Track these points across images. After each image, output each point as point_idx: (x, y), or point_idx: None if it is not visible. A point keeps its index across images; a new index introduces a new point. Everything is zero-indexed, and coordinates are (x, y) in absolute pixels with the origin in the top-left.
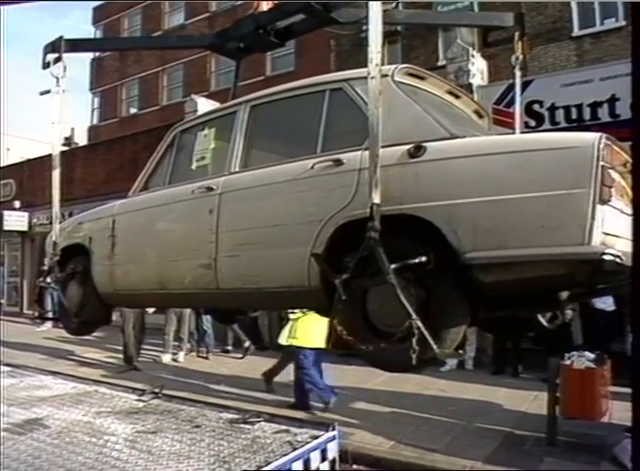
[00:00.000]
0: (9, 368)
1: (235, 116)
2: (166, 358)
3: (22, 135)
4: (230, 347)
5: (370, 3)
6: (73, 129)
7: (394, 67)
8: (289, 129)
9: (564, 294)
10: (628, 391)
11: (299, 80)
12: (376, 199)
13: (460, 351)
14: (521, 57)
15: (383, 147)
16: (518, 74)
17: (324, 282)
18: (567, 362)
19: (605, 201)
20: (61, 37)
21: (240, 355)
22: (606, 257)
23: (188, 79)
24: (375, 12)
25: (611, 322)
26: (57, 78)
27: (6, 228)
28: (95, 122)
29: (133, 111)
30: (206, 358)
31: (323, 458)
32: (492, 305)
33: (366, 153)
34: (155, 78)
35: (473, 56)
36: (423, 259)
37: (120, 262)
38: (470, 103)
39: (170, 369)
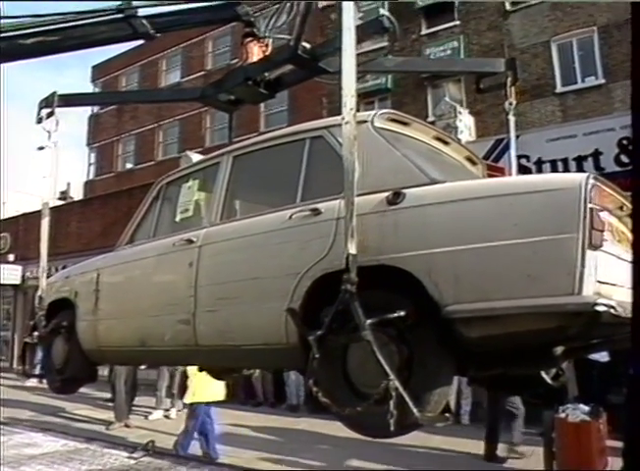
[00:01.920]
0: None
1: (218, 167)
2: (157, 415)
3: (18, 189)
4: None
5: (343, 54)
6: (69, 183)
7: (374, 112)
8: (270, 178)
9: (559, 350)
10: None
11: (281, 130)
12: (352, 249)
13: (447, 415)
14: (515, 103)
15: (361, 195)
16: (512, 119)
17: (302, 339)
18: (562, 415)
19: (596, 246)
20: (54, 92)
21: None
22: (599, 308)
23: (184, 136)
24: (348, 57)
25: (605, 373)
26: (49, 132)
27: (3, 281)
28: (91, 176)
29: (129, 166)
30: None
31: None
32: (481, 363)
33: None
34: (151, 134)
35: (460, 113)
36: (402, 313)
37: (103, 317)
38: (461, 150)
39: (162, 425)
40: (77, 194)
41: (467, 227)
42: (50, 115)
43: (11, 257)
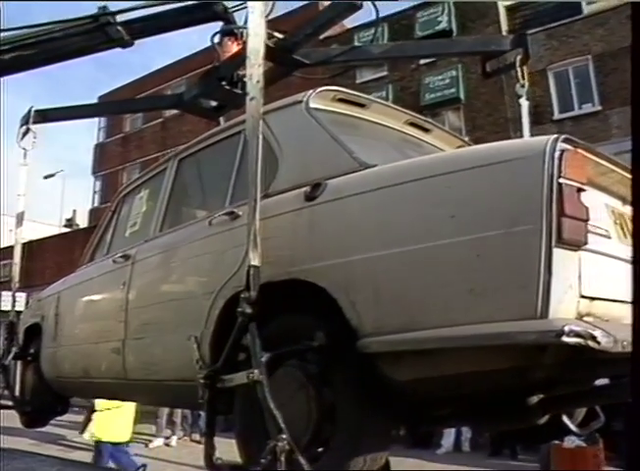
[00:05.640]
0: None
1: (164, 173)
2: (158, 443)
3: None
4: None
5: (249, 13)
6: (74, 210)
7: (311, 91)
8: (209, 181)
9: (534, 399)
10: None
11: (223, 124)
12: (254, 260)
13: None
14: (527, 85)
15: (283, 192)
16: (525, 104)
17: None
18: (557, 441)
19: (573, 243)
20: (31, 107)
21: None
22: (567, 339)
23: None
24: (256, 17)
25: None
26: (25, 149)
27: (3, 308)
28: (97, 204)
29: None
30: (199, 443)
31: None
32: (433, 416)
33: (267, 201)
34: (155, 162)
35: None
36: (315, 344)
37: (60, 344)
38: (449, 138)
39: (162, 453)
40: (82, 222)
41: (392, 223)
42: (27, 132)
43: None
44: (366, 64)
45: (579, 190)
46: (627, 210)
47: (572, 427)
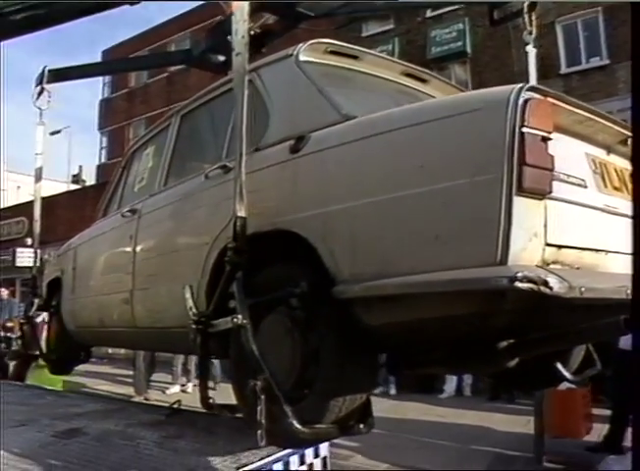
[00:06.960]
0: (42, 391)
1: (168, 129)
2: (175, 389)
3: (32, 173)
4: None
5: None
6: (80, 166)
7: (300, 45)
8: (208, 136)
9: (503, 344)
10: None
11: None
12: (241, 211)
13: (361, 426)
14: (535, 32)
15: (273, 145)
16: (533, 52)
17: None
18: None
19: (535, 192)
20: (44, 67)
21: None
22: (520, 284)
23: None
24: None
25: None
26: (40, 108)
27: (18, 264)
28: (104, 160)
29: None
30: (213, 389)
31: (316, 455)
32: (411, 359)
33: (257, 154)
34: (161, 117)
35: None
36: (297, 291)
37: (78, 296)
38: (451, 90)
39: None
40: (89, 177)
41: (366, 173)
42: (41, 91)
43: (29, 241)
44: (371, 16)
45: (544, 139)
46: (612, 159)
47: (567, 375)
